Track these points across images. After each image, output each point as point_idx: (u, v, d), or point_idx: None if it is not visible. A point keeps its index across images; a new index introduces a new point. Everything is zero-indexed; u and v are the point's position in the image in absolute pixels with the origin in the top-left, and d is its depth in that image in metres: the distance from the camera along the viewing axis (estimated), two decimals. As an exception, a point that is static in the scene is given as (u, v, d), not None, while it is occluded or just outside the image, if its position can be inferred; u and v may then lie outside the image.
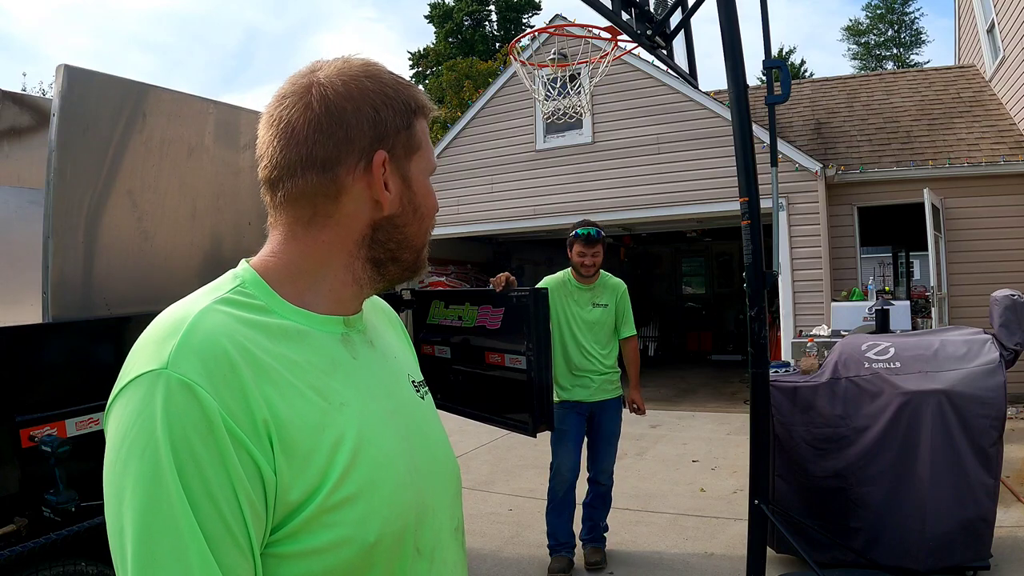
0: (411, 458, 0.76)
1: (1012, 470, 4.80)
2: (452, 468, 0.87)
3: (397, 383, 0.84)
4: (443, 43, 29.48)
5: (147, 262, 2.58)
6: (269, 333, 0.70)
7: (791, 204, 8.17)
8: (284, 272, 0.76)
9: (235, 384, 0.63)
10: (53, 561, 1.90)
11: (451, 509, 0.84)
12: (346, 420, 0.70)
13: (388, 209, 0.78)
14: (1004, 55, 8.41)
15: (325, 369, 0.72)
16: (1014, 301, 3.28)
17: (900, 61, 30.55)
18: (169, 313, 0.68)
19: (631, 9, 3.25)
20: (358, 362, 0.78)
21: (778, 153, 3.34)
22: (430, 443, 0.83)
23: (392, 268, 0.82)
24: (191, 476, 0.58)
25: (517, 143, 9.84)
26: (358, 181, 0.75)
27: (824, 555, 3.27)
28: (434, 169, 0.84)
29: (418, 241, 0.83)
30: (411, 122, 0.79)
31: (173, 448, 0.58)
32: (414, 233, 0.82)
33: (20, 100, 3.42)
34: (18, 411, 2.07)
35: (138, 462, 0.59)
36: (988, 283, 6.65)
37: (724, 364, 12.59)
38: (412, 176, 0.80)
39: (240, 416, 0.62)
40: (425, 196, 0.82)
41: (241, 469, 0.61)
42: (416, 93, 0.81)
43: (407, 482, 0.74)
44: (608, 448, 3.76)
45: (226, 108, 2.86)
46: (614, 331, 3.78)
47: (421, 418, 0.84)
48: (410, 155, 0.80)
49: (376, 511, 0.69)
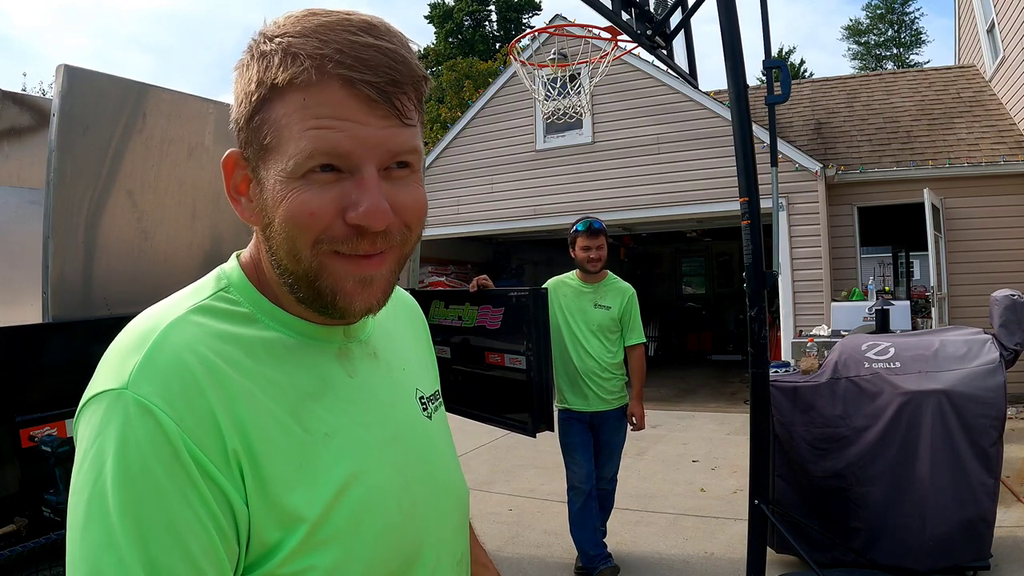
0: (406, 494, 0.69)
1: (1012, 470, 4.80)
2: (457, 496, 0.79)
3: (399, 403, 0.74)
4: (443, 43, 29.47)
5: (147, 262, 2.58)
6: (250, 349, 0.62)
7: (791, 204, 8.17)
8: (271, 273, 0.66)
9: (201, 407, 0.55)
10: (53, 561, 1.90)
11: (453, 542, 0.77)
12: (330, 454, 0.62)
13: (246, 219, 0.66)
14: (1004, 55, 8.41)
15: (312, 393, 0.64)
16: (1014, 301, 3.28)
17: (900, 61, 30.55)
18: (140, 321, 0.61)
19: (631, 9, 3.25)
20: (354, 381, 0.69)
21: (778, 153, 3.34)
22: (433, 470, 0.74)
23: (304, 300, 0.65)
24: (147, 508, 0.52)
25: (517, 143, 9.84)
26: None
27: (824, 555, 3.27)
28: (296, 166, 0.59)
29: (292, 265, 0.62)
30: (261, 104, 0.60)
31: (127, 479, 0.52)
32: (283, 252, 0.62)
33: (20, 100, 3.41)
34: (18, 411, 2.07)
35: (91, 492, 0.53)
36: (988, 283, 6.65)
37: (724, 364, 12.60)
38: (264, 178, 0.62)
39: (206, 443, 0.55)
40: (275, 204, 0.60)
41: (211, 498, 0.54)
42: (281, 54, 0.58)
43: (397, 523, 0.67)
44: (611, 458, 3.65)
45: (226, 108, 2.84)
46: (619, 336, 3.61)
47: (424, 443, 0.75)
48: (263, 154, 0.61)
49: (359, 555, 0.62)
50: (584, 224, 3.56)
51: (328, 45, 0.58)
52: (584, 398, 3.55)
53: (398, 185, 0.63)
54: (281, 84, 0.58)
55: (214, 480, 0.55)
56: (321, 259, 0.61)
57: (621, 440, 3.68)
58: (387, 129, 0.60)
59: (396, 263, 0.66)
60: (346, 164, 0.59)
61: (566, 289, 3.63)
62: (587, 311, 3.58)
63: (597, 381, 3.54)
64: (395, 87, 0.60)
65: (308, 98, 0.58)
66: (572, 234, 3.61)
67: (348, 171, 0.60)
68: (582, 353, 3.55)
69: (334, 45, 0.58)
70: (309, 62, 0.57)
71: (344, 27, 0.59)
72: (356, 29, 0.59)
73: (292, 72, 0.57)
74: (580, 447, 3.52)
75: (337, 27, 0.59)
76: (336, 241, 0.61)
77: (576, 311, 3.58)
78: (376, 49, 0.59)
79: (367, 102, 0.59)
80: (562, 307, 3.59)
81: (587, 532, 3.50)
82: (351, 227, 0.60)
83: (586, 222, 3.57)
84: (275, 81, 0.58)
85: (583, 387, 3.55)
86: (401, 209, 0.63)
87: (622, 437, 3.68)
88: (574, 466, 3.53)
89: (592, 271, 3.57)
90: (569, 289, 3.62)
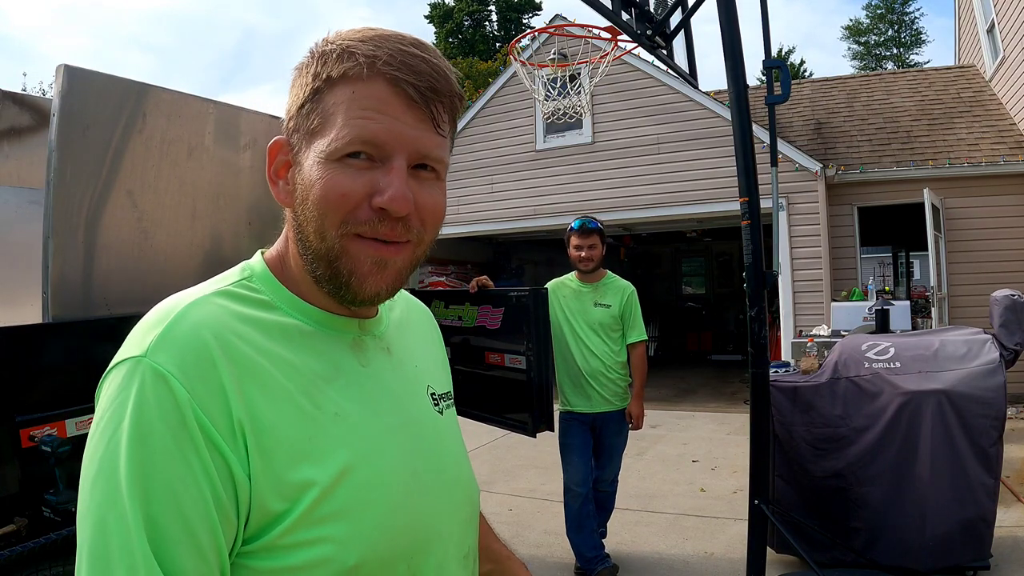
0: (413, 479, 0.71)
1: (1012, 470, 4.80)
2: (466, 491, 0.80)
3: (410, 396, 0.77)
4: (443, 43, 29.47)
5: (147, 262, 2.58)
6: (266, 330, 0.65)
7: (791, 204, 8.17)
8: (295, 265, 0.71)
9: (212, 379, 0.59)
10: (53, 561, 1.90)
11: (461, 536, 0.78)
12: (339, 432, 0.65)
13: (281, 200, 0.72)
14: (1004, 55, 8.41)
15: (325, 375, 0.68)
16: (1014, 301, 3.28)
17: (900, 61, 30.55)
18: (166, 302, 0.65)
19: (631, 9, 3.25)
20: (367, 370, 0.72)
21: (778, 153, 3.34)
22: (442, 463, 0.76)
23: (320, 279, 0.70)
24: (153, 468, 0.55)
25: (517, 143, 9.84)
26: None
27: (824, 555, 3.27)
28: (335, 150, 0.65)
29: (317, 242, 0.67)
30: (314, 94, 0.66)
31: (139, 438, 0.56)
32: (311, 229, 0.67)
33: (20, 100, 3.41)
34: (18, 411, 2.07)
35: (104, 450, 0.57)
36: (988, 283, 6.65)
37: (724, 364, 12.60)
38: (303, 160, 0.67)
39: (214, 413, 0.58)
40: (311, 184, 0.66)
41: (212, 466, 0.57)
42: (339, 52, 0.65)
43: (403, 505, 0.68)
44: (611, 461, 3.65)
45: (226, 108, 2.86)
46: (621, 334, 3.60)
47: (434, 435, 0.77)
48: (308, 138, 0.67)
49: (361, 533, 0.64)
50: (577, 223, 3.56)
51: (381, 49, 0.65)
52: (587, 399, 3.53)
53: (423, 185, 0.68)
54: (335, 77, 0.65)
55: (218, 449, 0.58)
56: (344, 240, 0.66)
57: (623, 442, 3.67)
58: (421, 130, 0.66)
59: (410, 259, 0.70)
60: (379, 153, 0.65)
61: (566, 290, 3.62)
62: (588, 311, 3.57)
63: (602, 381, 3.53)
64: (434, 94, 0.67)
65: (357, 91, 0.64)
66: (566, 233, 3.61)
67: (380, 160, 0.66)
68: (586, 353, 3.54)
69: (386, 49, 0.65)
70: (363, 59, 0.64)
71: (398, 39, 0.67)
72: (408, 43, 0.67)
73: (346, 67, 0.64)
74: (578, 449, 3.52)
75: (392, 38, 0.67)
76: (360, 223, 0.66)
77: (577, 311, 3.57)
78: (422, 60, 0.66)
79: (407, 101, 0.65)
80: (563, 308, 3.59)
81: (584, 535, 3.49)
82: (375, 210, 0.65)
83: (580, 221, 3.56)
84: (330, 74, 0.65)
85: (587, 388, 3.53)
86: (421, 206, 0.68)
87: (623, 439, 3.67)
88: (570, 468, 3.52)
89: (584, 270, 3.56)
90: (569, 290, 3.62)
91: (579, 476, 3.48)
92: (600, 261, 3.59)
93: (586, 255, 3.51)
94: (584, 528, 3.49)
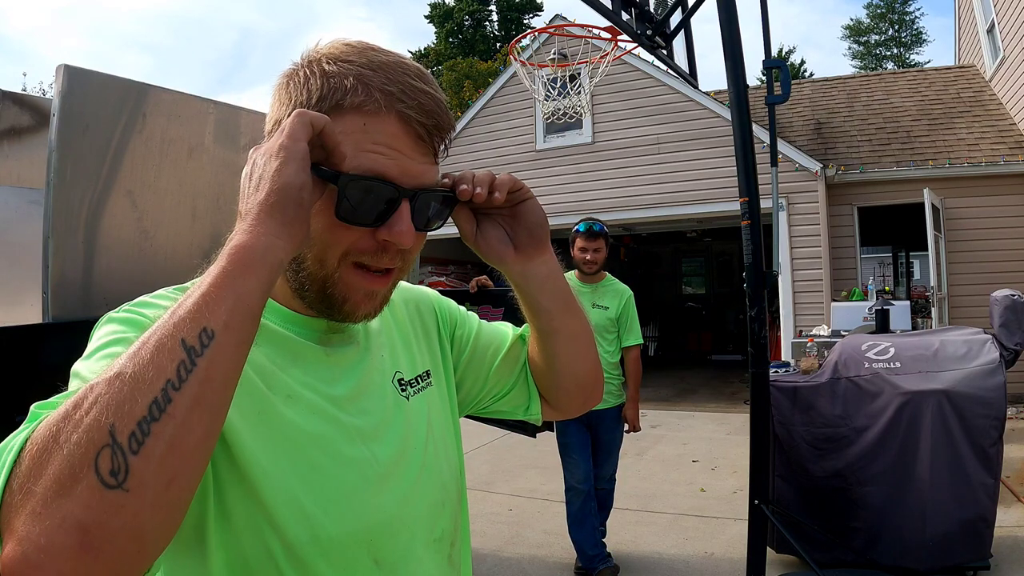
0: (368, 464, 0.71)
1: (1012, 470, 4.80)
2: (435, 475, 0.80)
3: (374, 384, 0.78)
4: (443, 43, 29.48)
5: (147, 262, 2.58)
6: None
7: (791, 204, 8.18)
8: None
9: None
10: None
11: (430, 519, 0.78)
12: (291, 413, 0.67)
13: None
14: (1004, 55, 8.41)
15: (282, 365, 0.69)
16: (1014, 301, 3.28)
17: (900, 61, 30.56)
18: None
19: (631, 9, 3.25)
20: (329, 359, 0.74)
21: (778, 153, 3.34)
22: (406, 448, 0.77)
23: (307, 296, 0.71)
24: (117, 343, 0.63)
25: (517, 143, 9.85)
26: None
27: (824, 555, 3.27)
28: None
29: (316, 269, 0.68)
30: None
31: (109, 343, 0.63)
32: (311, 256, 0.68)
33: (20, 100, 3.41)
34: (18, 411, 2.07)
35: (83, 357, 0.64)
36: (988, 283, 6.65)
37: (724, 364, 12.60)
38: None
39: None
40: (316, 212, 0.65)
41: None
42: (353, 82, 0.65)
43: (356, 486, 0.69)
44: (608, 458, 3.66)
45: (226, 108, 2.86)
46: (616, 336, 3.61)
47: (398, 420, 0.78)
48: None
49: (313, 515, 0.65)
50: (584, 225, 3.56)
51: (393, 84, 0.66)
52: None
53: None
54: (346, 106, 0.65)
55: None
56: (343, 269, 0.69)
57: (619, 439, 3.69)
58: (424, 164, 0.69)
59: (396, 282, 0.75)
60: None
61: None
62: (585, 311, 3.55)
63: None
64: (437, 131, 0.70)
65: (369, 124, 0.66)
66: (572, 234, 3.61)
67: None
68: None
69: (399, 85, 0.66)
70: (379, 95, 0.65)
71: (404, 71, 0.68)
72: (413, 75, 0.68)
73: (363, 99, 0.65)
74: (578, 447, 3.53)
75: (398, 69, 0.68)
76: (362, 253, 0.68)
77: None
78: (428, 96, 0.68)
79: (415, 139, 0.68)
80: None
81: (586, 532, 3.50)
82: (379, 243, 0.68)
83: (586, 223, 3.57)
84: (340, 102, 0.65)
85: None
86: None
87: (619, 436, 3.69)
88: (572, 466, 3.54)
89: (588, 272, 3.57)
90: None
91: (581, 473, 3.50)
92: (603, 264, 3.61)
93: (591, 258, 3.53)
94: (586, 526, 3.51)
